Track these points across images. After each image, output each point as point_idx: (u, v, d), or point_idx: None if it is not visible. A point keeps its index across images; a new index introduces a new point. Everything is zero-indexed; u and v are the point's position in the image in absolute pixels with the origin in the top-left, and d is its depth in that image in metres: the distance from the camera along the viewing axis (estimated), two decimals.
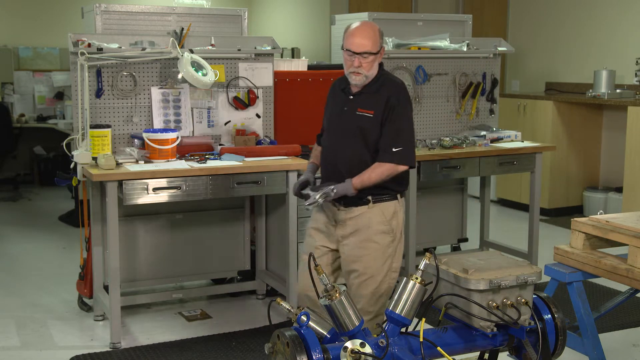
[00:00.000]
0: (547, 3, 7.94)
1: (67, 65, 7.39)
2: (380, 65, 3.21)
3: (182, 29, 4.53)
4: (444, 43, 5.24)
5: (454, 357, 2.59)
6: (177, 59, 4.36)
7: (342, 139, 3.19)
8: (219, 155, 4.35)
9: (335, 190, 3.09)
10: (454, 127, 5.45)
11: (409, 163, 3.14)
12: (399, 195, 3.21)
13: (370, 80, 3.16)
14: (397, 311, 2.60)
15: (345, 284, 3.21)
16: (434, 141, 4.91)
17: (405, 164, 3.12)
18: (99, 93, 4.36)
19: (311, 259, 2.74)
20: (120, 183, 3.93)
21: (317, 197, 3.06)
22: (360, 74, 3.11)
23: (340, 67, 5.07)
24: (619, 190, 6.70)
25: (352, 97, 3.20)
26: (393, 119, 3.12)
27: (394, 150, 3.08)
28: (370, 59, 3.10)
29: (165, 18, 4.62)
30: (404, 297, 2.61)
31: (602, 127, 7.38)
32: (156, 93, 4.48)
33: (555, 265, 3.62)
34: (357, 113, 3.15)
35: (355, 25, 3.15)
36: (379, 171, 3.09)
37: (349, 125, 3.17)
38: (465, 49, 5.30)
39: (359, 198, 3.13)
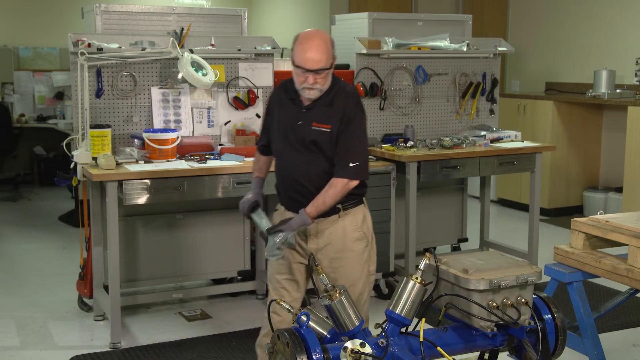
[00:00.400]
0: (547, 3, 7.94)
1: (67, 65, 7.40)
2: (332, 74, 3.01)
3: (182, 29, 4.53)
4: (444, 43, 5.24)
5: (454, 357, 2.59)
6: (177, 59, 4.36)
7: (300, 154, 3.01)
8: (219, 155, 4.35)
9: (293, 232, 2.94)
10: (454, 127, 5.45)
11: (363, 177, 3.00)
12: (364, 199, 3.16)
13: (323, 92, 2.98)
14: (397, 311, 2.60)
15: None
16: (434, 141, 4.91)
17: (358, 179, 2.97)
18: (99, 93, 4.36)
19: (311, 258, 2.74)
20: (120, 183, 3.93)
21: (280, 251, 2.89)
22: (315, 89, 2.93)
23: (340, 67, 5.13)
24: (619, 190, 6.70)
25: (304, 110, 3.00)
26: (349, 133, 2.95)
27: (350, 165, 2.94)
28: (324, 73, 2.91)
29: (165, 18, 4.62)
30: (404, 297, 2.61)
31: (602, 127, 7.38)
32: (156, 93, 4.48)
33: (555, 265, 3.62)
34: (313, 128, 2.97)
35: (305, 37, 2.95)
36: (331, 193, 2.93)
37: (305, 139, 2.99)
38: (465, 49, 5.30)
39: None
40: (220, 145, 4.58)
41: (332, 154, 2.97)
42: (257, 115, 4.72)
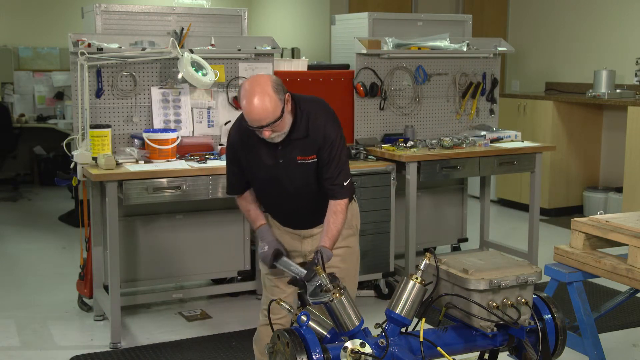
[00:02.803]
0: (547, 3, 7.95)
1: (67, 65, 7.40)
2: (293, 98, 2.84)
3: (182, 29, 4.53)
4: (444, 43, 5.24)
5: (454, 357, 2.59)
6: (177, 59, 4.36)
7: (293, 191, 2.94)
8: (219, 155, 4.35)
9: (322, 265, 2.81)
10: (454, 127, 5.45)
11: (354, 191, 3.00)
12: (354, 196, 3.14)
13: (292, 125, 2.83)
14: (397, 311, 2.60)
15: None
16: (434, 141, 4.91)
17: (353, 194, 2.98)
18: (99, 93, 4.36)
19: (319, 255, 2.75)
20: (120, 183, 3.94)
21: (328, 294, 2.58)
22: (277, 135, 2.79)
23: (340, 67, 5.14)
24: (619, 190, 6.70)
25: (280, 146, 2.86)
26: (336, 155, 2.88)
27: (345, 184, 2.92)
28: (277, 123, 2.74)
29: (165, 18, 4.62)
30: (404, 297, 2.61)
31: (602, 127, 7.38)
32: (156, 93, 4.48)
33: (555, 265, 3.62)
34: (299, 162, 2.88)
35: (246, 94, 2.72)
36: (340, 219, 2.91)
37: (292, 175, 2.90)
38: (465, 49, 5.30)
39: (322, 215, 2.98)
40: (220, 145, 4.58)
41: (320, 173, 2.92)
42: None
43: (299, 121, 2.85)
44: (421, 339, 2.53)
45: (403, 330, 2.64)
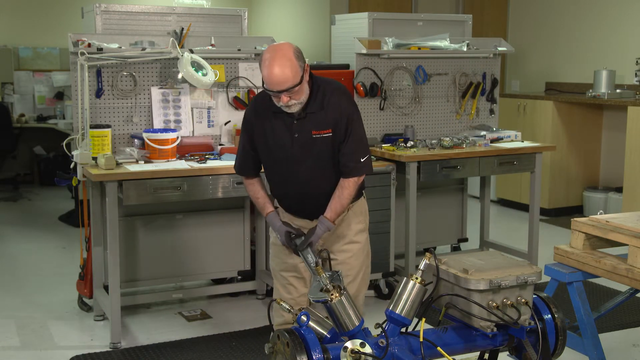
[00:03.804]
0: (547, 3, 7.95)
1: (67, 65, 7.40)
2: (310, 75, 2.89)
3: (182, 29, 4.53)
4: (444, 43, 5.24)
5: (454, 357, 2.59)
6: (177, 59, 4.36)
7: (304, 165, 2.93)
8: (219, 155, 4.35)
9: (317, 238, 2.91)
10: (454, 127, 5.45)
11: (370, 170, 2.98)
12: (363, 192, 3.17)
13: (308, 99, 2.87)
14: (397, 311, 2.60)
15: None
16: (434, 141, 4.91)
17: (368, 173, 2.96)
18: (99, 93, 4.36)
19: (325, 253, 2.75)
20: (120, 183, 3.94)
21: (326, 294, 2.62)
22: (294, 105, 2.82)
23: (340, 67, 5.14)
24: (619, 190, 6.70)
25: (297, 120, 2.89)
26: (352, 131, 2.90)
27: (362, 160, 2.92)
28: (296, 89, 2.78)
29: (165, 18, 4.62)
30: (404, 297, 2.61)
31: (602, 127, 7.38)
32: (156, 93, 4.49)
33: (555, 265, 3.62)
34: (314, 136, 2.88)
35: (268, 58, 2.80)
36: (347, 194, 2.92)
37: (307, 150, 2.91)
38: (465, 49, 5.30)
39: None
40: (220, 145, 4.58)
41: (336, 154, 2.94)
42: None
43: (314, 95, 2.88)
44: (421, 339, 2.53)
45: (403, 330, 2.64)
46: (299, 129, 2.90)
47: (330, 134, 2.90)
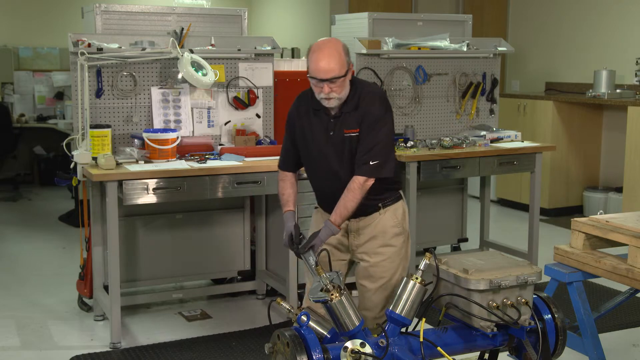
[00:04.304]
0: (547, 3, 7.95)
1: (67, 65, 7.39)
2: (352, 78, 3.00)
3: (182, 29, 4.53)
4: (444, 43, 5.24)
5: (454, 357, 2.60)
6: (177, 59, 4.36)
7: (338, 163, 3.01)
8: (219, 155, 4.35)
9: (320, 242, 2.93)
10: (454, 127, 5.45)
11: (381, 175, 2.96)
12: (401, 193, 3.20)
13: (346, 99, 2.96)
14: (397, 311, 2.60)
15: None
16: (434, 141, 4.91)
17: (375, 177, 2.95)
18: (99, 93, 4.36)
19: (327, 253, 2.76)
20: (120, 183, 3.93)
21: (326, 294, 2.64)
22: (333, 99, 2.91)
23: None
24: (619, 190, 6.70)
25: (333, 119, 2.99)
26: (373, 133, 2.94)
27: (370, 163, 2.93)
28: (339, 82, 2.88)
29: (165, 18, 4.62)
30: (404, 297, 2.62)
31: (602, 127, 7.38)
32: (156, 93, 4.48)
33: (555, 265, 3.62)
34: (345, 135, 2.97)
35: (317, 47, 2.90)
36: (351, 197, 2.93)
37: (340, 149, 2.99)
38: (465, 49, 5.30)
39: (368, 206, 3.04)
40: (220, 145, 4.58)
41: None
42: (257, 115, 4.73)
43: (352, 96, 2.96)
44: (421, 339, 2.53)
45: (403, 330, 2.64)
46: (334, 128, 2.99)
47: (357, 134, 2.97)
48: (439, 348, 2.56)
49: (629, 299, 4.00)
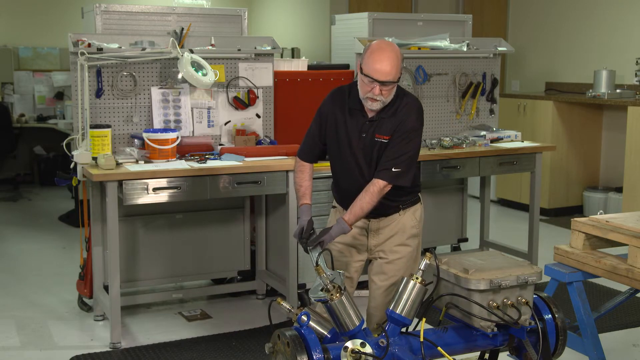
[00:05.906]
0: (547, 3, 7.95)
1: (67, 65, 7.40)
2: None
3: (182, 29, 4.53)
4: (444, 43, 5.24)
5: (454, 357, 2.60)
6: (177, 59, 4.36)
7: (364, 165, 3.04)
8: (219, 155, 4.35)
9: (330, 238, 2.94)
10: (454, 127, 5.45)
11: (400, 183, 2.98)
12: (420, 195, 3.22)
13: (386, 104, 2.99)
14: (398, 311, 2.60)
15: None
16: (434, 141, 4.91)
17: (395, 184, 2.97)
18: (99, 93, 4.36)
19: (329, 255, 2.76)
20: (120, 183, 3.93)
21: (325, 294, 2.65)
22: (379, 101, 2.94)
23: (339, 67, 5.14)
24: (619, 190, 6.70)
25: (369, 122, 3.01)
26: (403, 143, 2.97)
27: (393, 170, 2.95)
28: (390, 87, 2.93)
29: (165, 18, 4.62)
30: (405, 297, 2.62)
31: (602, 127, 7.38)
32: (156, 93, 4.48)
33: (555, 265, 3.62)
34: (376, 139, 3.00)
35: (378, 48, 2.93)
36: (368, 199, 2.94)
37: (369, 152, 3.02)
38: (465, 49, 5.30)
39: (389, 207, 3.07)
40: (220, 145, 4.58)
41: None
42: (257, 115, 4.73)
43: (393, 102, 2.99)
44: (421, 339, 2.53)
45: (403, 330, 2.65)
46: (368, 130, 3.01)
47: (386, 141, 2.98)
48: (439, 348, 2.56)
49: (629, 299, 4.00)
